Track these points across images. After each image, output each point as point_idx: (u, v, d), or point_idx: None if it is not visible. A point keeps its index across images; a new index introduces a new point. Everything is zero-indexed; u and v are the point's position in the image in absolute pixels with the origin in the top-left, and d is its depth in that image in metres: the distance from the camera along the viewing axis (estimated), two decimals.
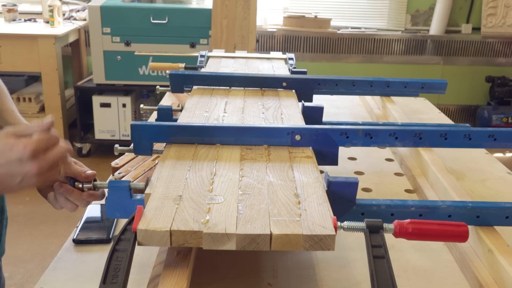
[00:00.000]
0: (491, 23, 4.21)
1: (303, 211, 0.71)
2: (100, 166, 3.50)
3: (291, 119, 1.10)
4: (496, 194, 1.22)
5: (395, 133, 1.05)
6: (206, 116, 1.10)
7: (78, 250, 0.96)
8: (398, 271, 0.90)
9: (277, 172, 0.85)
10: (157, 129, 0.96)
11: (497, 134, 1.09)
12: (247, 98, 1.25)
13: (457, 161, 1.39)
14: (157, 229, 0.66)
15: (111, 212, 0.81)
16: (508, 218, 0.88)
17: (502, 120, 4.20)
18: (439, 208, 0.86)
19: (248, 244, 0.66)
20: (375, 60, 4.24)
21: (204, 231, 0.66)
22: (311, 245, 0.66)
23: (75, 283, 0.86)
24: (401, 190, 1.22)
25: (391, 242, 0.94)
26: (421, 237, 0.74)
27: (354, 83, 1.49)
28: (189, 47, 3.37)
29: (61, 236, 2.61)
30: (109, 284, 0.61)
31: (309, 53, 4.16)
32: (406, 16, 4.28)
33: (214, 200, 0.74)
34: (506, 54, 4.30)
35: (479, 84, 4.38)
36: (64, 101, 3.63)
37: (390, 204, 0.86)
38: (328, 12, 4.25)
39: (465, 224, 0.73)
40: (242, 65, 1.61)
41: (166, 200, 0.73)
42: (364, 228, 0.71)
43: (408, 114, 1.69)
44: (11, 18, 3.75)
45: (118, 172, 1.21)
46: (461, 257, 0.91)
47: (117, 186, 0.80)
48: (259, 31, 4.00)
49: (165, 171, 0.84)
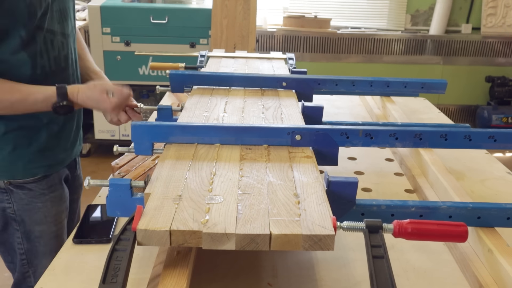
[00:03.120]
0: (491, 23, 4.21)
1: (302, 211, 0.71)
2: (100, 166, 3.49)
3: (291, 119, 1.10)
4: (496, 194, 1.22)
5: (396, 133, 1.05)
6: (206, 116, 1.10)
7: (78, 250, 0.96)
8: (398, 271, 0.90)
9: (277, 172, 0.85)
10: (157, 129, 0.96)
11: (497, 135, 1.09)
12: (247, 98, 1.25)
13: (457, 161, 1.39)
14: (157, 229, 0.66)
15: (112, 210, 0.81)
16: (509, 219, 0.88)
17: (502, 120, 4.20)
18: (439, 209, 0.86)
19: (247, 244, 0.66)
20: (375, 60, 4.24)
21: (204, 231, 0.66)
22: (311, 245, 0.66)
23: (75, 283, 0.86)
24: (401, 190, 1.22)
25: (391, 242, 0.94)
26: (420, 237, 0.74)
27: (354, 83, 1.48)
28: (189, 47, 3.37)
29: None
30: (109, 284, 0.61)
31: (309, 53, 4.16)
32: (406, 16, 4.28)
33: (213, 200, 0.74)
34: (506, 54, 4.30)
35: (479, 84, 4.38)
36: None
37: (390, 205, 0.86)
38: (328, 12, 4.25)
39: (464, 224, 0.73)
40: (242, 65, 1.61)
41: (166, 200, 0.73)
42: (364, 228, 0.71)
43: (408, 114, 1.69)
44: None
45: (118, 172, 1.21)
46: (461, 257, 0.91)
47: (118, 184, 0.80)
48: (259, 31, 3.99)
49: (164, 171, 0.84)
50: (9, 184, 1.25)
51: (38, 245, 1.31)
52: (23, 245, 1.31)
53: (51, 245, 1.33)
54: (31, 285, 1.34)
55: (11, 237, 1.30)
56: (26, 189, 1.26)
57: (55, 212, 1.32)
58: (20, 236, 1.29)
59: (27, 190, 1.26)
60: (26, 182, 1.26)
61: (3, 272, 2.36)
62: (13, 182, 1.25)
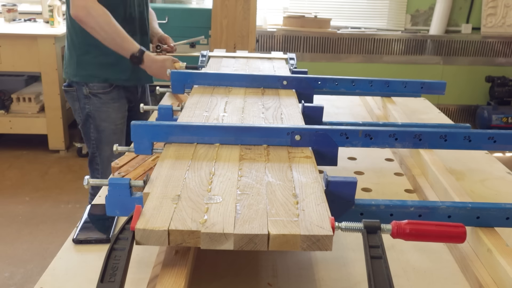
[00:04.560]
0: (491, 23, 4.21)
1: (301, 211, 0.71)
2: None
3: (291, 119, 1.10)
4: (496, 194, 1.22)
5: (395, 134, 1.06)
6: (206, 116, 1.10)
7: (78, 250, 0.96)
8: (398, 271, 0.90)
9: (276, 172, 0.85)
10: (157, 128, 0.96)
11: (497, 136, 1.09)
12: (247, 98, 1.25)
13: (457, 161, 1.39)
14: (155, 229, 0.66)
15: (111, 209, 0.81)
16: (508, 219, 0.88)
17: (502, 120, 4.20)
18: (438, 209, 0.86)
19: (245, 244, 0.66)
20: (375, 60, 4.24)
21: (202, 230, 0.66)
22: (309, 245, 0.66)
23: (75, 283, 0.86)
24: (401, 190, 1.22)
25: (391, 242, 0.94)
26: (418, 238, 0.74)
27: (354, 82, 1.49)
28: (189, 47, 3.37)
29: (61, 236, 2.61)
30: (107, 283, 0.61)
31: (309, 53, 4.16)
32: (406, 16, 4.28)
33: (212, 200, 0.74)
34: (506, 54, 4.30)
35: (479, 84, 4.38)
36: (64, 101, 3.63)
37: (389, 205, 0.86)
38: (328, 12, 4.26)
39: (462, 225, 0.73)
40: (243, 64, 1.61)
41: (165, 200, 0.73)
42: (362, 228, 0.71)
43: (408, 114, 1.69)
44: (11, 18, 3.76)
45: (118, 172, 1.21)
46: (461, 257, 0.91)
47: (117, 184, 0.80)
48: (259, 31, 4.00)
49: (164, 171, 0.84)
50: (89, 92, 1.92)
51: (103, 135, 1.97)
52: (94, 134, 1.97)
53: (111, 137, 1.97)
54: (97, 162, 2.01)
55: (88, 128, 1.97)
56: (98, 97, 1.93)
57: (114, 116, 1.97)
58: (93, 128, 1.96)
59: (99, 98, 1.93)
60: (99, 92, 1.92)
61: (3, 272, 2.36)
62: (92, 91, 1.92)
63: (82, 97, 1.93)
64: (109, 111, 1.96)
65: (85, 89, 1.92)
